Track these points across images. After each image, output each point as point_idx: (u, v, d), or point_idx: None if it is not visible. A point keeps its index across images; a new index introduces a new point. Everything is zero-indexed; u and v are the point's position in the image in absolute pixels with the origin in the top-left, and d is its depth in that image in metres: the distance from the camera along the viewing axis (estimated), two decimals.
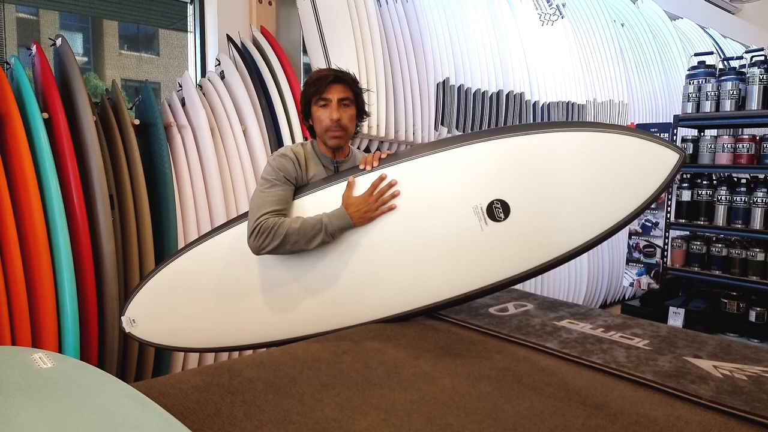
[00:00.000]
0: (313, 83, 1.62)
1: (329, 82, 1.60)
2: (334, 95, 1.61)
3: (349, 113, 1.63)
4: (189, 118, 2.83)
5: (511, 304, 1.78)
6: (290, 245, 1.54)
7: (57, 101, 2.37)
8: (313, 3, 3.17)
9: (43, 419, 0.76)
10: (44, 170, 2.25)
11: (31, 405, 0.80)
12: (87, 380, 0.96)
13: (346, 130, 1.64)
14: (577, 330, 1.52)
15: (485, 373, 1.25)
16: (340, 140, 1.64)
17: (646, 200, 1.46)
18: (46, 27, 2.82)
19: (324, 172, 1.70)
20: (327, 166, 1.71)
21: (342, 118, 1.61)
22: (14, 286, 2.13)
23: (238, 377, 1.18)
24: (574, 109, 4.20)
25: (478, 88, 3.56)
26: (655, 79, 5.08)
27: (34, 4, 3.37)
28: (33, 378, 0.95)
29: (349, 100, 1.63)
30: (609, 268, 4.65)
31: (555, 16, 4.24)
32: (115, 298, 2.32)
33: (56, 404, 0.81)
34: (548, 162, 1.50)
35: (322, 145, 1.70)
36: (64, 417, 0.78)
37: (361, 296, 1.61)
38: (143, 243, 2.45)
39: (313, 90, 1.61)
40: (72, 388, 0.89)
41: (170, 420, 0.80)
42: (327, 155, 1.70)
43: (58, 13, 4.55)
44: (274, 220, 1.53)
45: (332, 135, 1.63)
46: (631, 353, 1.35)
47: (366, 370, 1.25)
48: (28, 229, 2.21)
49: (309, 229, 1.54)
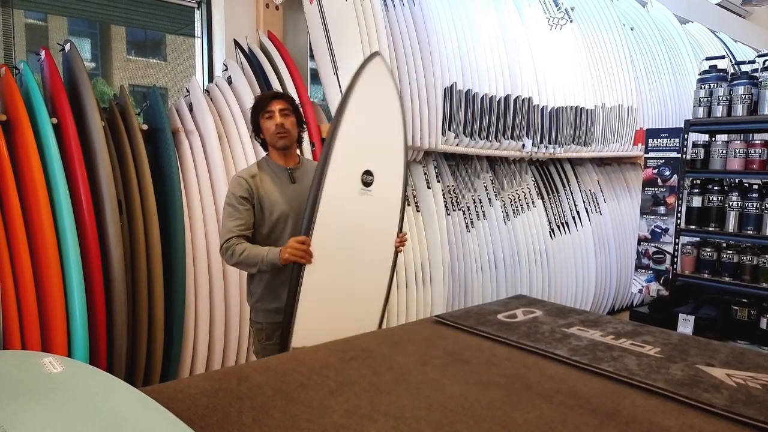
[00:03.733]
0: (258, 104, 2.03)
1: (270, 99, 2.02)
2: (276, 107, 1.99)
3: (290, 120, 2.01)
4: (197, 124, 2.84)
5: (520, 311, 1.76)
6: (240, 266, 1.95)
7: (66, 106, 2.38)
8: (320, 7, 3.17)
9: (53, 424, 0.76)
10: (53, 175, 2.27)
11: (42, 409, 0.80)
12: (97, 385, 0.96)
13: (289, 132, 2.00)
14: (586, 337, 1.51)
15: (494, 380, 1.24)
16: (286, 140, 2.00)
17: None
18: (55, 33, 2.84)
19: (277, 180, 2.01)
20: (279, 174, 2.03)
21: (285, 123, 1.99)
22: (24, 290, 2.15)
23: (246, 383, 1.17)
24: (582, 114, 4.18)
25: (485, 92, 3.55)
26: (665, 84, 5.05)
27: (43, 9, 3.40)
28: (43, 382, 0.95)
29: (289, 110, 2.01)
30: (617, 274, 4.62)
31: (564, 20, 4.23)
32: (123, 303, 2.33)
33: (66, 408, 0.81)
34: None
35: (275, 154, 2.05)
36: (75, 421, 0.78)
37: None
38: (151, 247, 2.45)
39: (259, 107, 2.02)
40: (82, 392, 0.89)
41: (179, 425, 0.80)
42: (280, 164, 2.04)
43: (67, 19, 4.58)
44: (232, 243, 1.90)
45: (279, 137, 1.99)
46: (642, 361, 1.34)
47: (374, 376, 1.24)
48: (37, 233, 2.22)
49: (251, 260, 1.89)
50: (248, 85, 3.03)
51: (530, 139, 3.85)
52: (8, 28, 2.98)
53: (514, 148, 3.79)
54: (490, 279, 3.69)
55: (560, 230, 4.22)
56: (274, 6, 3.46)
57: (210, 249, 2.68)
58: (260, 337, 2.03)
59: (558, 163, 4.40)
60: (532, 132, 3.85)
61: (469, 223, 3.65)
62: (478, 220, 3.70)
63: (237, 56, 3.32)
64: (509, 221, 3.87)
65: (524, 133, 3.81)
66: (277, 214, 1.96)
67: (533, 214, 4.03)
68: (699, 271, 3.50)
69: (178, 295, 2.54)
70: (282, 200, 1.97)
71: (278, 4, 3.47)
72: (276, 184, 1.99)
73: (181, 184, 2.62)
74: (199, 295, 2.62)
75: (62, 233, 2.24)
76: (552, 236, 4.13)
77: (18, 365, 1.08)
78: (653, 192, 3.70)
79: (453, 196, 3.60)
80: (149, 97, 2.82)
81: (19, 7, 3.14)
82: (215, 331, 2.67)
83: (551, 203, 4.21)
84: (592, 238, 4.36)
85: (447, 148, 3.42)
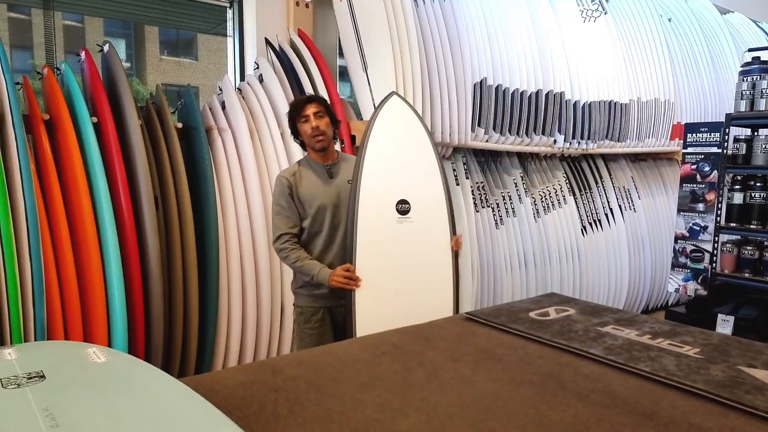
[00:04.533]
0: (294, 109, 2.16)
1: (304, 103, 2.14)
2: (310, 111, 2.12)
3: (324, 121, 2.13)
4: (229, 122, 2.88)
5: (552, 309, 1.74)
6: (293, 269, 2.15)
7: (105, 106, 2.45)
8: (349, 4, 3.18)
9: (99, 412, 0.79)
10: (93, 172, 2.33)
11: (88, 398, 0.83)
12: (139, 375, 0.99)
13: (325, 133, 2.13)
14: (622, 336, 1.48)
15: (527, 378, 1.23)
16: (323, 142, 2.13)
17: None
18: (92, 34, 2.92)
19: (315, 176, 2.15)
20: (317, 171, 2.17)
21: (320, 125, 2.11)
22: (67, 282, 2.22)
23: (281, 375, 1.19)
24: (616, 108, 4.08)
25: (516, 87, 3.50)
26: (704, 77, 4.87)
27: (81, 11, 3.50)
28: (88, 372, 0.98)
29: (322, 111, 2.13)
30: (651, 273, 4.51)
31: (597, 12, 4.13)
32: (159, 296, 2.39)
33: (111, 398, 0.84)
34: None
35: (313, 153, 2.19)
36: (119, 410, 0.80)
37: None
38: (186, 242, 2.51)
39: (295, 113, 2.15)
40: (125, 382, 0.92)
41: (219, 415, 0.82)
42: (318, 161, 2.18)
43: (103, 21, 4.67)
44: (285, 249, 2.09)
45: (316, 140, 2.12)
46: (681, 361, 1.31)
47: (405, 372, 1.25)
48: (78, 227, 2.29)
49: (304, 271, 2.08)
50: (279, 83, 3.06)
51: (562, 135, 3.78)
52: (49, 29, 3.08)
53: (546, 143, 3.73)
54: (519, 277, 3.65)
55: (592, 228, 4.14)
56: (304, 4, 3.49)
57: (242, 243, 2.73)
58: (300, 320, 2.20)
59: (590, 159, 4.31)
60: (564, 127, 3.78)
61: (499, 220, 3.62)
62: (508, 217, 3.66)
63: (268, 54, 3.36)
64: (539, 218, 3.82)
65: (556, 128, 3.75)
66: (315, 208, 2.10)
67: (564, 212, 3.96)
68: (739, 270, 3.40)
69: (212, 289, 2.59)
70: (321, 195, 2.12)
71: (308, 2, 3.49)
72: (315, 180, 2.14)
73: (215, 180, 2.67)
74: (231, 288, 2.67)
75: (102, 227, 2.31)
76: (584, 234, 4.06)
77: (64, 355, 1.12)
78: (692, 188, 3.60)
79: (482, 192, 3.57)
80: (183, 96, 2.88)
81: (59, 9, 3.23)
82: (247, 324, 2.72)
83: (583, 200, 4.13)
84: (625, 236, 4.26)
85: (476, 144, 3.39)
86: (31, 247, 2.08)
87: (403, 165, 2.22)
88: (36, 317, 2.07)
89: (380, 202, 2.13)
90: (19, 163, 2.12)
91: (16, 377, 0.86)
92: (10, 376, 0.86)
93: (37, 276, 2.09)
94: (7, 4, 3.61)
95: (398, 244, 2.15)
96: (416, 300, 2.12)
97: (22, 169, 2.12)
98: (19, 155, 2.13)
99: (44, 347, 1.32)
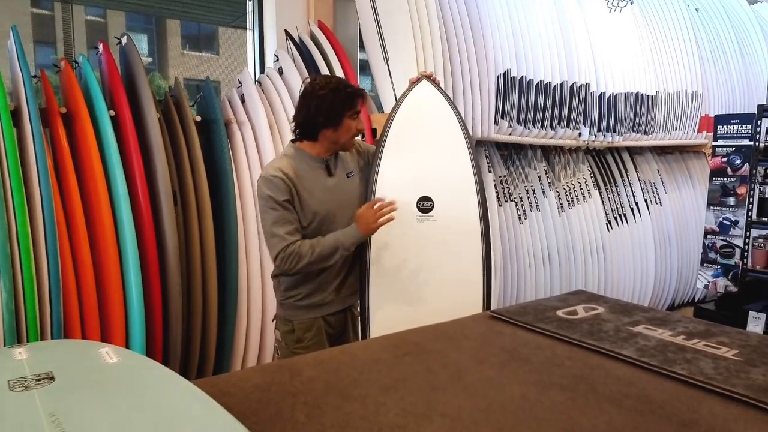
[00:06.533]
0: (347, 99, 1.77)
1: (360, 96, 1.81)
2: (361, 107, 1.83)
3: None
4: (248, 115, 2.86)
5: (581, 307, 1.68)
6: (312, 266, 1.75)
7: (123, 99, 2.43)
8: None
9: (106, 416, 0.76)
10: (111, 166, 2.32)
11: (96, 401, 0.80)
12: (151, 377, 0.97)
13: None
14: (655, 337, 1.41)
15: (556, 380, 1.17)
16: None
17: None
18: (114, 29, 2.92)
19: (314, 175, 1.80)
20: (314, 167, 1.81)
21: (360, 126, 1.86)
22: (84, 278, 2.22)
23: (299, 377, 1.15)
24: (643, 100, 3.97)
25: (540, 79, 3.42)
26: (732, 68, 4.73)
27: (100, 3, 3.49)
28: (99, 373, 0.96)
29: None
30: (678, 269, 4.39)
31: (624, 3, 4.02)
32: (177, 293, 2.37)
33: (120, 400, 0.81)
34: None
35: (319, 148, 1.81)
36: (127, 414, 0.77)
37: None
38: (205, 238, 2.49)
39: (348, 103, 1.77)
40: (136, 384, 0.89)
41: (231, 421, 0.78)
42: (321, 156, 1.82)
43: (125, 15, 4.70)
44: (294, 248, 1.70)
45: (353, 142, 1.87)
46: (719, 364, 1.23)
47: (428, 373, 1.20)
48: (96, 221, 2.28)
49: (327, 251, 1.73)
50: (299, 76, 3.02)
51: (587, 128, 3.69)
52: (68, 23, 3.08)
53: (570, 136, 3.64)
54: (543, 273, 3.57)
55: (618, 222, 4.03)
56: None
57: (261, 239, 2.70)
58: (288, 339, 1.83)
59: (616, 152, 4.21)
60: (590, 120, 3.69)
61: (522, 214, 3.54)
62: (531, 211, 3.58)
63: (288, 47, 3.32)
64: (564, 213, 3.73)
65: (581, 121, 3.65)
66: (321, 214, 1.78)
67: (589, 206, 3.87)
68: None
69: (231, 286, 2.57)
70: (323, 198, 1.80)
71: None
72: (314, 179, 1.80)
73: (234, 174, 2.64)
74: (251, 286, 2.65)
75: (120, 222, 2.30)
76: (609, 228, 3.96)
77: (77, 354, 1.10)
78: (722, 182, 3.48)
79: (505, 186, 3.49)
80: (203, 89, 2.86)
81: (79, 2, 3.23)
82: (267, 322, 2.69)
83: (608, 194, 4.03)
84: (651, 231, 4.16)
85: (500, 137, 3.32)
86: (48, 243, 2.07)
87: (429, 158, 2.00)
88: (53, 315, 2.06)
89: (399, 200, 1.88)
90: (36, 158, 2.11)
91: (24, 379, 0.83)
92: (18, 378, 0.83)
93: (53, 273, 2.07)
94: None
95: (418, 244, 1.97)
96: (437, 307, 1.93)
97: (39, 164, 2.11)
98: (36, 149, 2.13)
99: (57, 346, 1.30)
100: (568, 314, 1.60)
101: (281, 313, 1.88)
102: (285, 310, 1.86)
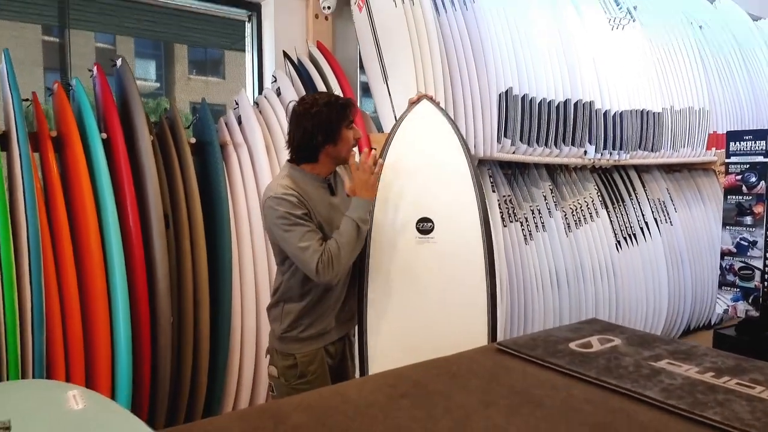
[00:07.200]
0: (341, 109, 1.74)
1: (353, 106, 1.79)
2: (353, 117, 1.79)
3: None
4: (245, 136, 2.78)
5: (595, 339, 1.55)
6: (350, 258, 1.72)
7: (115, 121, 2.37)
8: (369, 15, 3.08)
9: None
10: (101, 189, 2.25)
11: None
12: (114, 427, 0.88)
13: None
14: (680, 374, 1.28)
15: (574, 429, 1.05)
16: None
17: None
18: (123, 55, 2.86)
19: (319, 195, 1.76)
20: (317, 187, 1.77)
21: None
22: (69, 311, 2.11)
23: (283, 425, 1.03)
24: (649, 117, 3.88)
25: (543, 97, 3.33)
26: (739, 84, 4.66)
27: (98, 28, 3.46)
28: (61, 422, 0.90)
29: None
30: (692, 290, 4.24)
31: (626, 20, 3.97)
32: (167, 321, 2.26)
33: None
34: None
35: (320, 168, 1.77)
36: None
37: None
38: (197, 263, 2.39)
39: (342, 115, 1.74)
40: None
41: None
42: (321, 175, 1.79)
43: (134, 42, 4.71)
44: (327, 253, 1.65)
45: (351, 152, 1.80)
46: (755, 407, 1.10)
47: (429, 420, 1.07)
48: (84, 250, 2.19)
49: (350, 234, 1.69)
50: (297, 97, 2.95)
51: (593, 146, 3.60)
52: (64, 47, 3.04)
53: (576, 155, 3.54)
54: (552, 296, 3.44)
55: (627, 242, 3.91)
56: (324, 16, 3.39)
57: (257, 263, 2.60)
58: (289, 375, 1.74)
59: (623, 170, 4.10)
60: (595, 138, 3.60)
61: (528, 235, 3.43)
62: (537, 232, 3.47)
63: (286, 67, 3.26)
64: (571, 233, 3.61)
65: (586, 139, 3.56)
66: (327, 230, 1.74)
67: (597, 225, 3.75)
68: None
69: (224, 315, 2.45)
70: (329, 216, 1.76)
71: (327, 15, 3.40)
72: (319, 198, 1.76)
73: (229, 197, 2.55)
74: (245, 315, 2.53)
75: (108, 248, 2.20)
76: (618, 249, 3.83)
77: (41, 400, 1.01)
78: (737, 200, 3.35)
79: (509, 206, 3.39)
80: (199, 110, 2.79)
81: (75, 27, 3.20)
82: (261, 357, 2.56)
83: (617, 213, 3.91)
84: (663, 251, 4.02)
85: (503, 156, 3.23)
86: (32, 273, 1.96)
87: (429, 178, 1.94)
88: (35, 350, 1.93)
89: (398, 220, 1.89)
90: (23, 183, 2.03)
91: None
92: None
93: (37, 305, 1.96)
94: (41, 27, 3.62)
95: (417, 267, 1.90)
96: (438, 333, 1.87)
97: (26, 189, 2.03)
98: (23, 174, 2.04)
99: (23, 389, 1.20)
100: (583, 347, 1.48)
101: (280, 347, 1.77)
102: (286, 344, 1.76)
